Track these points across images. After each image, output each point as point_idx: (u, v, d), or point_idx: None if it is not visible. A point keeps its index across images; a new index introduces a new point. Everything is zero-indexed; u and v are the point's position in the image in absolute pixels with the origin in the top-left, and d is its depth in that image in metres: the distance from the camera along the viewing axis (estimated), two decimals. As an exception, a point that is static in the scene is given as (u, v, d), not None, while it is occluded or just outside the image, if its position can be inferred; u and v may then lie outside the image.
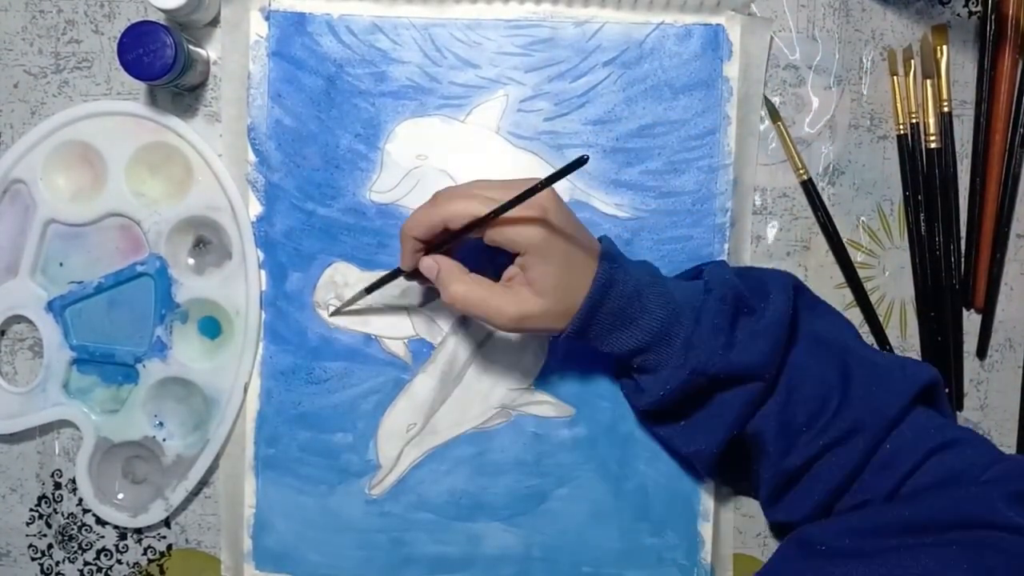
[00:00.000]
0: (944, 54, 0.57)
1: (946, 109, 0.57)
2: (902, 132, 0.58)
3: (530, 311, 0.49)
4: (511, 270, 0.51)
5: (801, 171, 0.58)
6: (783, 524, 0.55)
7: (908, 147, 0.58)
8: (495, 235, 0.48)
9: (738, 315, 0.50)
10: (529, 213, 0.48)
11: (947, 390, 0.56)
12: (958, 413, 0.59)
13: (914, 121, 0.58)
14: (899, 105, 0.58)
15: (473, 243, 0.51)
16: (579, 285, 0.49)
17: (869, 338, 0.59)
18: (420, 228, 0.50)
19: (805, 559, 0.47)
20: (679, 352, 0.50)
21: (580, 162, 0.44)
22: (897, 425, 0.49)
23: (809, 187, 0.58)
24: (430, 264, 0.51)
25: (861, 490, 0.50)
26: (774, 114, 0.58)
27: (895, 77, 0.58)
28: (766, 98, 0.58)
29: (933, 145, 0.57)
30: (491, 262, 0.53)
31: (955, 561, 0.42)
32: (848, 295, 0.59)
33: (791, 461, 0.50)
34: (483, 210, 0.47)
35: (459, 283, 0.50)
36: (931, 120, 0.57)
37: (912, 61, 0.58)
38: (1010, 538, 0.43)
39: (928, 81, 0.57)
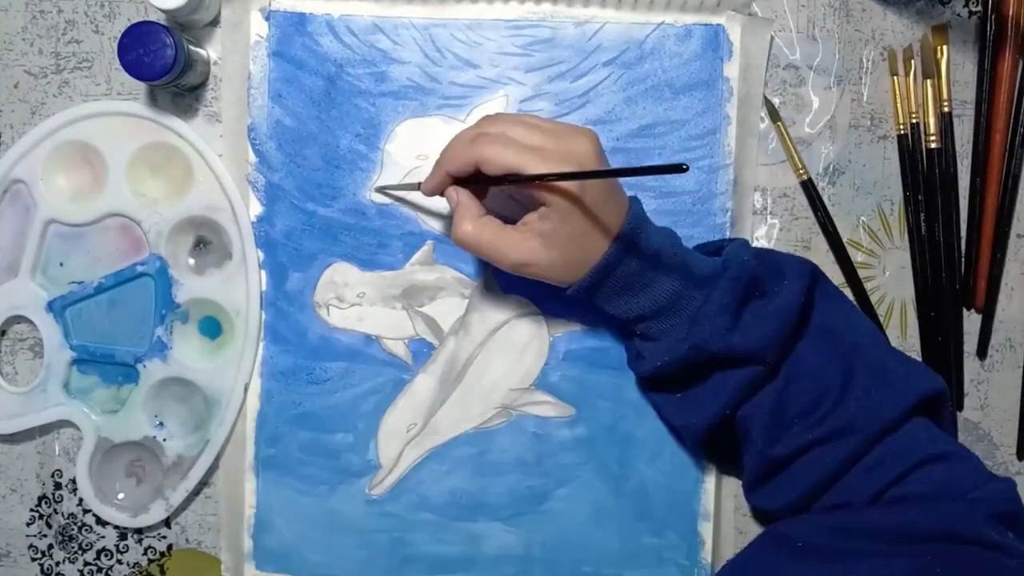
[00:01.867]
0: (944, 54, 0.57)
1: (946, 109, 0.57)
2: (902, 132, 0.58)
3: (535, 261, 0.49)
4: (530, 215, 0.50)
5: (801, 171, 0.58)
6: (762, 511, 0.56)
7: (908, 147, 0.58)
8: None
9: (749, 297, 0.50)
10: (568, 165, 0.47)
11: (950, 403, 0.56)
12: (959, 413, 0.59)
13: (914, 121, 0.58)
14: (899, 105, 0.58)
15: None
16: (593, 247, 0.49)
17: (869, 338, 0.59)
18: (455, 164, 0.50)
19: (776, 555, 0.47)
20: (683, 326, 0.50)
21: (677, 169, 0.41)
22: (891, 432, 0.48)
23: (809, 187, 0.58)
24: (451, 195, 0.51)
25: (844, 490, 0.49)
26: (774, 114, 0.58)
27: (895, 77, 0.58)
28: (766, 98, 0.58)
29: (933, 145, 0.57)
30: (512, 200, 0.54)
31: (928, 571, 0.42)
32: (848, 295, 0.59)
33: (777, 451, 0.50)
34: (521, 166, 0.46)
35: (470, 223, 0.50)
36: (931, 120, 0.57)
37: (912, 61, 0.58)
38: (987, 554, 0.43)
39: (928, 81, 0.57)
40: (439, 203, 0.58)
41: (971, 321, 0.59)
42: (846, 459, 0.48)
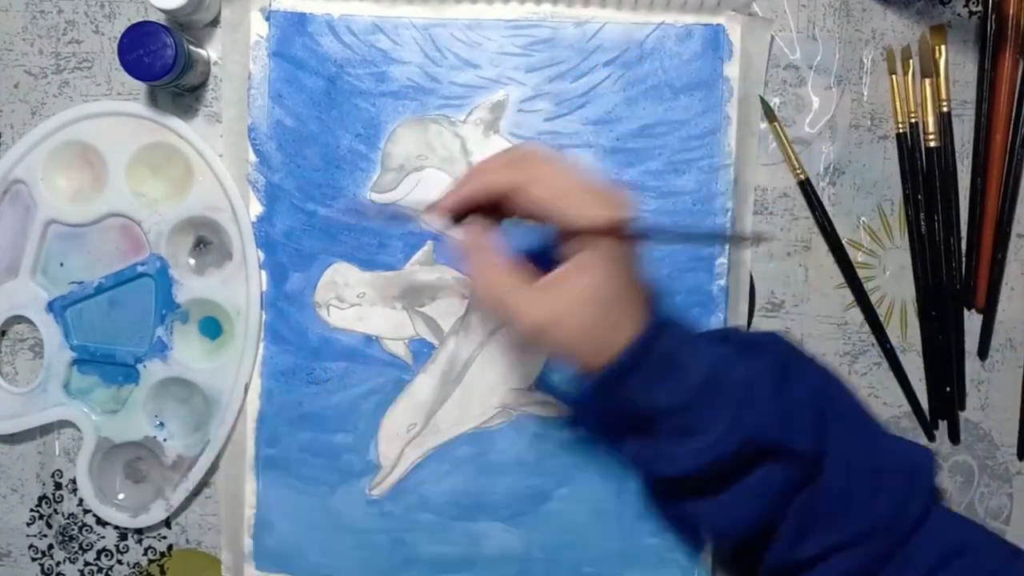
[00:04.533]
0: (943, 54, 0.57)
1: (945, 109, 0.57)
2: (901, 131, 0.58)
3: (559, 321, 0.41)
4: (564, 267, 0.42)
5: (798, 171, 0.58)
6: None
7: (907, 146, 0.58)
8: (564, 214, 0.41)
9: (782, 382, 0.43)
10: (605, 207, 0.40)
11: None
12: (960, 413, 0.59)
13: (913, 121, 0.58)
14: (898, 104, 0.58)
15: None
16: (622, 321, 0.41)
17: (869, 337, 0.59)
18: (484, 183, 0.43)
19: None
20: (726, 412, 0.42)
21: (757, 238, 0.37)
22: (917, 530, 0.44)
23: (807, 187, 0.58)
24: (470, 230, 0.44)
25: None
26: (770, 115, 0.58)
27: (893, 76, 0.58)
28: (762, 99, 0.58)
29: (932, 144, 0.57)
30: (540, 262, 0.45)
31: None
32: (848, 295, 0.59)
33: (803, 551, 0.44)
34: (562, 209, 0.40)
35: (487, 264, 0.42)
36: (930, 119, 0.57)
37: (911, 61, 0.58)
38: None
39: (927, 80, 0.57)
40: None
41: (971, 321, 0.59)
42: (873, 562, 0.44)
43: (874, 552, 0.44)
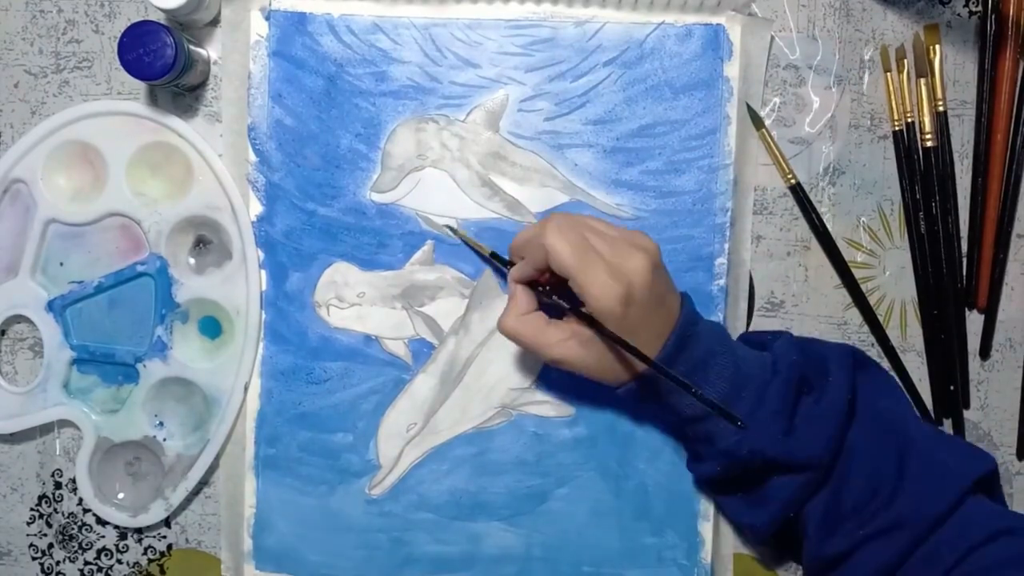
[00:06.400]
0: (937, 53, 0.57)
1: (941, 108, 0.57)
2: (897, 129, 0.58)
3: (570, 360, 0.50)
4: (566, 325, 0.51)
5: (789, 176, 0.58)
6: None
7: (904, 144, 0.58)
8: (576, 288, 0.48)
9: (800, 396, 0.50)
10: (616, 283, 0.47)
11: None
12: (963, 412, 0.59)
13: (909, 120, 0.58)
14: (894, 103, 0.58)
15: None
16: (641, 344, 0.48)
17: (869, 337, 0.59)
18: (530, 255, 0.51)
19: None
20: (735, 429, 0.49)
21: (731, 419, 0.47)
22: (945, 520, 0.48)
23: (798, 191, 0.58)
24: (511, 287, 0.53)
25: None
26: (757, 121, 0.57)
27: (888, 74, 0.58)
28: (748, 106, 0.57)
29: (929, 144, 0.57)
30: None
31: None
32: (846, 296, 0.59)
33: (830, 549, 0.49)
34: (572, 269, 0.48)
35: (514, 318, 0.51)
36: (926, 119, 0.57)
37: (905, 60, 0.58)
38: None
39: (922, 80, 0.57)
40: (440, 203, 0.58)
41: (971, 321, 0.59)
42: (900, 554, 0.48)
43: (900, 544, 0.48)
